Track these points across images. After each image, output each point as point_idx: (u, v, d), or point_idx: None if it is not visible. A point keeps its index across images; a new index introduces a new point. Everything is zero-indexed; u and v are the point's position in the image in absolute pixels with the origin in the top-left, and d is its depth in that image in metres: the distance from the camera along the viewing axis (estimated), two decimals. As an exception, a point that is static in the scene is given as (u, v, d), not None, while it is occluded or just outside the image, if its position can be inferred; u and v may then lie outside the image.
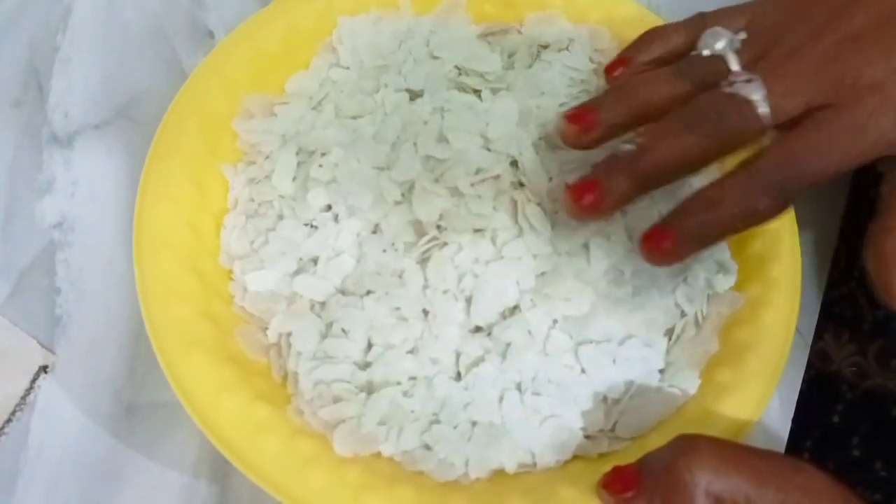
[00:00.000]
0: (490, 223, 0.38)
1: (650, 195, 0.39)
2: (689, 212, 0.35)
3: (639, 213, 0.39)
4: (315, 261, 0.38)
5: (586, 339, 0.37)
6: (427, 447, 0.35)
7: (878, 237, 0.35)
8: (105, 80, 0.46)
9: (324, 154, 0.40)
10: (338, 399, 0.35)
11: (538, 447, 0.35)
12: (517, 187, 0.39)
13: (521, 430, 0.35)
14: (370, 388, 0.36)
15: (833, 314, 0.48)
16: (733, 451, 0.32)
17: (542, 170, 0.40)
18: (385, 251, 0.38)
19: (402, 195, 0.39)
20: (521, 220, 0.38)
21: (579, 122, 0.37)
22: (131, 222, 0.38)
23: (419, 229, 0.38)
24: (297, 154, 0.40)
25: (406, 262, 0.38)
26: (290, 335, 0.37)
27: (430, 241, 0.38)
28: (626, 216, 0.39)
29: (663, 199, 0.39)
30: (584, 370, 0.36)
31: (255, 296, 0.38)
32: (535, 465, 0.35)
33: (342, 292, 0.38)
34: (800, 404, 0.40)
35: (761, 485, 0.30)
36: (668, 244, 0.34)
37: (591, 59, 0.43)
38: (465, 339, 0.37)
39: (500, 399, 0.36)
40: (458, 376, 0.36)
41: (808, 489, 0.31)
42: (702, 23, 0.38)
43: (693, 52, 0.37)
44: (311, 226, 0.39)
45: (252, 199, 0.40)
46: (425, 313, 0.37)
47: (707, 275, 0.39)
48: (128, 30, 0.48)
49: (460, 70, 0.43)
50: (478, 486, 0.35)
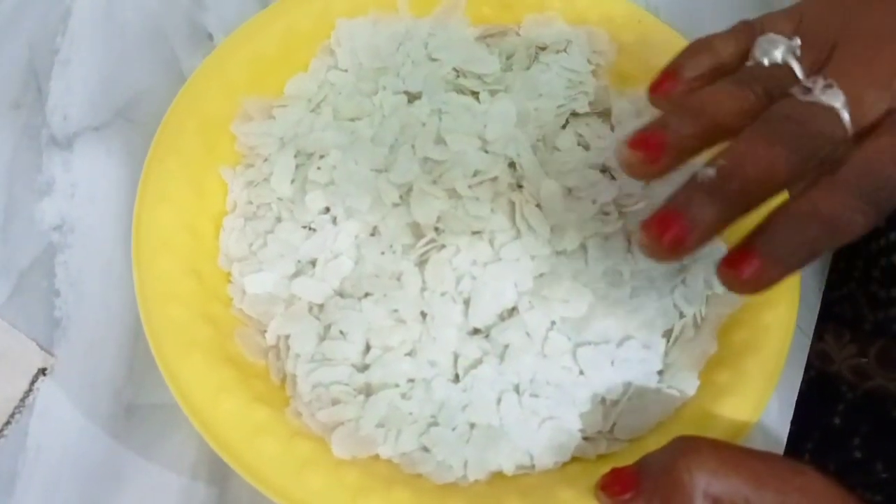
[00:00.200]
0: (488, 225, 0.38)
1: (648, 196, 0.39)
2: (776, 231, 0.30)
3: (639, 213, 0.39)
4: (313, 263, 0.38)
5: (585, 341, 0.37)
6: (425, 449, 0.35)
7: None
8: (104, 82, 0.46)
9: (322, 156, 0.40)
10: (336, 401, 0.35)
11: (536, 449, 0.35)
12: (515, 189, 0.39)
13: (519, 432, 0.35)
14: (368, 391, 0.36)
15: (834, 315, 0.47)
16: (732, 453, 0.31)
17: (541, 171, 0.40)
18: (383, 253, 0.38)
19: (400, 197, 0.39)
20: (518, 221, 0.38)
21: (645, 148, 0.32)
22: (130, 224, 0.38)
23: (417, 231, 0.38)
24: (295, 156, 0.40)
25: (404, 264, 0.38)
26: (288, 337, 0.37)
27: (428, 244, 0.38)
28: (625, 217, 0.39)
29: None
30: (582, 372, 0.36)
31: (253, 298, 0.38)
32: (533, 466, 0.35)
33: (340, 294, 0.38)
34: (800, 405, 0.40)
35: (760, 486, 0.30)
36: (752, 270, 0.30)
37: (589, 61, 0.43)
38: (463, 341, 0.37)
39: (499, 401, 0.36)
40: (457, 378, 0.36)
41: (807, 491, 0.31)
42: (750, 30, 0.35)
43: (749, 63, 0.34)
44: (310, 228, 0.39)
45: (251, 202, 0.40)
46: (423, 315, 0.37)
47: (706, 275, 0.39)
48: (127, 31, 0.48)
49: (458, 72, 0.43)
50: (476, 488, 0.35)
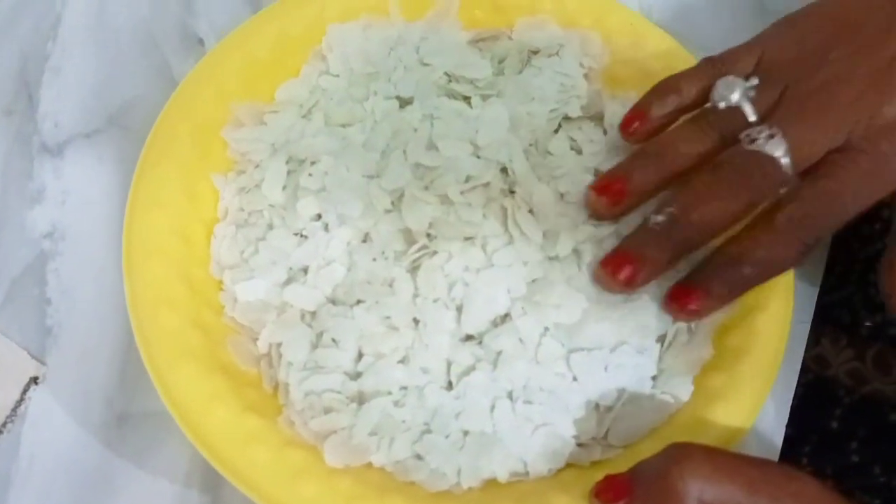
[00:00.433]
0: (480, 231, 0.38)
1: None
2: (713, 271, 0.36)
3: (632, 221, 0.39)
4: (305, 270, 0.38)
5: (578, 346, 0.37)
6: (418, 457, 0.35)
7: (890, 252, 0.35)
8: (95, 89, 0.46)
9: (313, 163, 0.40)
10: (329, 409, 0.35)
11: (530, 456, 0.35)
12: (507, 194, 0.39)
13: (512, 439, 0.35)
14: (361, 399, 0.36)
15: (831, 319, 0.47)
16: (726, 460, 0.31)
17: (533, 176, 0.39)
18: (375, 260, 0.38)
19: (392, 203, 0.39)
20: (511, 227, 0.38)
21: (608, 194, 0.37)
22: (122, 231, 0.37)
23: (409, 238, 0.38)
24: (287, 163, 0.40)
25: (396, 270, 0.37)
26: (280, 345, 0.37)
27: (420, 250, 0.37)
28: (617, 223, 0.39)
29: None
30: (575, 378, 0.36)
31: (245, 306, 0.38)
32: (527, 473, 0.35)
33: (332, 302, 0.38)
34: (798, 409, 0.40)
35: (754, 493, 0.30)
36: (694, 304, 0.36)
37: (581, 65, 0.43)
38: (455, 347, 0.36)
39: (492, 408, 0.35)
40: (450, 385, 0.36)
41: (801, 497, 0.31)
42: (712, 69, 0.38)
43: (708, 104, 0.37)
44: (301, 235, 0.39)
45: (242, 209, 0.40)
46: (416, 322, 0.37)
47: None
48: (118, 38, 0.47)
49: (450, 77, 0.43)
50: (470, 496, 0.35)
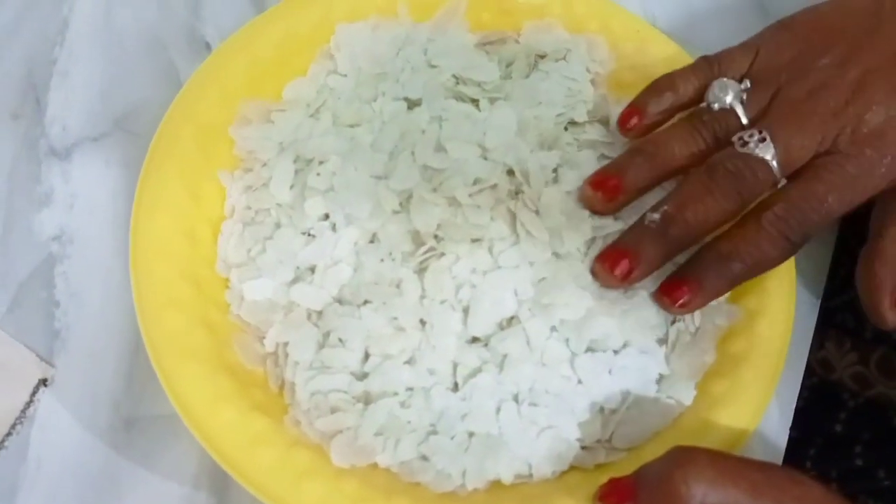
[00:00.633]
0: (487, 233, 0.38)
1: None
2: (703, 265, 0.37)
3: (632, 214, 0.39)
4: (312, 270, 0.38)
5: (583, 344, 0.37)
6: (424, 458, 0.35)
7: (867, 261, 0.37)
8: (103, 93, 0.46)
9: (321, 162, 0.40)
10: (335, 409, 0.35)
11: (535, 458, 0.35)
12: (514, 196, 0.39)
13: (518, 441, 0.35)
14: (367, 399, 0.36)
15: (835, 323, 0.47)
16: (729, 463, 0.31)
17: (540, 177, 0.40)
18: (382, 260, 0.38)
19: (400, 204, 0.39)
20: (518, 228, 0.38)
21: (604, 189, 0.38)
22: (129, 233, 0.37)
23: (417, 239, 0.38)
24: (294, 162, 0.40)
25: (403, 271, 0.37)
26: (287, 345, 0.37)
27: (427, 251, 0.37)
28: (620, 219, 0.39)
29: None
30: (580, 381, 0.36)
31: (251, 305, 0.38)
32: (531, 476, 0.35)
33: (339, 302, 0.38)
34: (802, 413, 0.40)
35: (757, 497, 0.30)
36: (684, 297, 0.37)
37: (588, 69, 0.43)
38: (462, 349, 0.36)
39: (498, 410, 0.36)
40: (456, 387, 0.36)
41: (805, 500, 0.31)
42: (708, 69, 0.39)
43: (703, 104, 0.39)
44: (309, 234, 0.39)
45: (249, 207, 0.40)
46: (423, 323, 0.37)
47: None
48: (125, 42, 0.48)
49: (458, 79, 0.43)
50: (475, 498, 0.35)
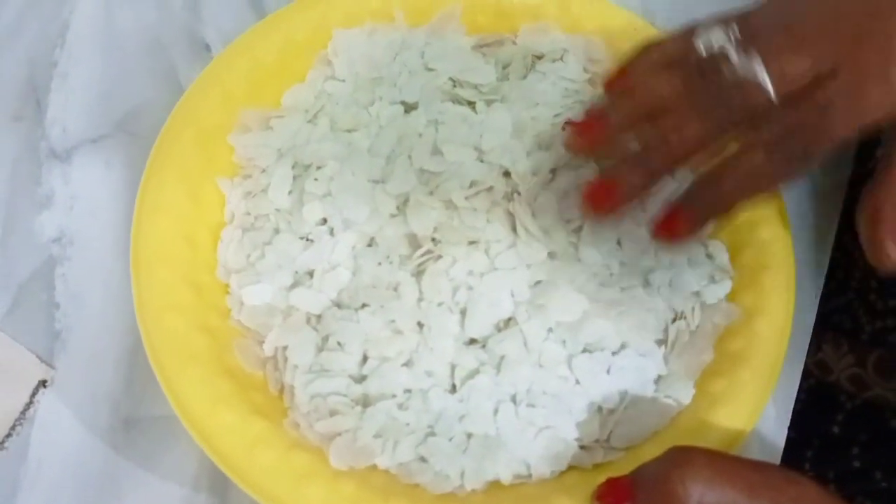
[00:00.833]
0: (484, 235, 0.38)
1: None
2: (696, 191, 0.35)
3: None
4: (311, 274, 0.38)
5: (580, 348, 0.37)
6: (423, 459, 0.35)
7: (870, 196, 0.34)
8: (103, 95, 0.46)
9: (319, 167, 0.40)
10: (334, 412, 0.36)
11: (533, 458, 0.35)
12: (510, 198, 0.39)
13: (516, 442, 0.35)
14: (366, 402, 0.36)
15: (832, 324, 0.48)
16: (726, 463, 0.31)
17: (536, 179, 0.40)
18: (380, 264, 0.38)
19: (397, 208, 0.39)
20: (518, 228, 0.38)
21: (585, 131, 0.37)
22: (129, 236, 0.38)
23: (414, 242, 0.38)
24: (292, 167, 0.40)
25: (401, 274, 0.38)
26: (286, 348, 0.37)
27: (424, 254, 0.38)
28: (618, 222, 0.39)
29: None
30: (578, 381, 0.36)
31: (251, 309, 0.38)
32: (530, 476, 0.35)
33: (338, 305, 0.38)
34: (800, 414, 0.40)
35: (754, 497, 0.30)
36: (681, 225, 0.36)
37: (585, 70, 0.43)
38: (459, 351, 0.37)
39: (496, 411, 0.36)
40: (454, 389, 0.36)
41: (801, 500, 0.31)
42: (694, 27, 0.36)
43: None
44: (307, 239, 0.39)
45: (248, 213, 0.40)
46: (420, 326, 0.37)
47: (693, 277, 0.39)
48: (125, 44, 0.48)
49: (455, 82, 0.43)
50: (473, 498, 0.35)
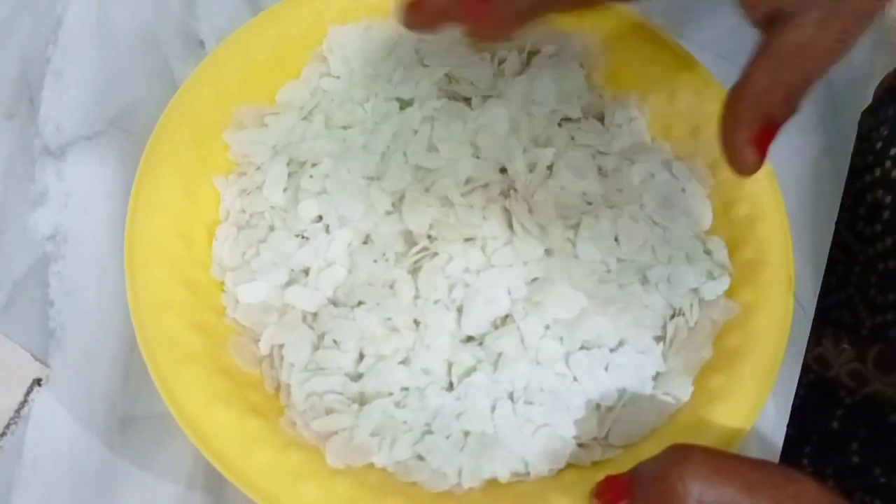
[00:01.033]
0: (480, 232, 0.38)
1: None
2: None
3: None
4: (306, 272, 0.38)
5: (577, 343, 0.37)
6: (420, 457, 0.35)
7: (729, 97, 0.31)
8: (97, 92, 0.46)
9: (314, 165, 0.40)
10: (330, 410, 0.35)
11: (531, 456, 0.35)
12: (507, 195, 0.39)
13: (513, 440, 0.35)
14: (362, 400, 0.36)
15: (831, 319, 0.47)
16: (725, 461, 0.31)
17: (532, 175, 0.39)
18: (376, 261, 0.38)
19: (393, 205, 0.39)
20: (514, 225, 0.38)
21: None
22: (124, 233, 0.38)
23: (410, 239, 0.38)
24: (287, 165, 0.40)
25: (397, 272, 0.37)
26: (282, 347, 0.37)
27: (420, 251, 0.38)
28: (616, 206, 0.39)
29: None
30: (576, 378, 0.36)
31: (246, 307, 0.38)
32: (528, 473, 0.35)
33: (334, 303, 0.38)
34: (799, 410, 0.40)
35: (753, 494, 0.30)
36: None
37: (581, 66, 0.43)
38: (456, 348, 0.36)
39: (493, 408, 0.36)
40: (451, 386, 0.36)
41: (800, 498, 0.30)
42: None
43: None
44: (303, 237, 0.39)
45: (243, 211, 0.40)
46: (417, 324, 0.37)
47: (690, 274, 0.39)
48: (119, 40, 0.48)
49: (450, 78, 0.43)
50: (471, 496, 0.35)
